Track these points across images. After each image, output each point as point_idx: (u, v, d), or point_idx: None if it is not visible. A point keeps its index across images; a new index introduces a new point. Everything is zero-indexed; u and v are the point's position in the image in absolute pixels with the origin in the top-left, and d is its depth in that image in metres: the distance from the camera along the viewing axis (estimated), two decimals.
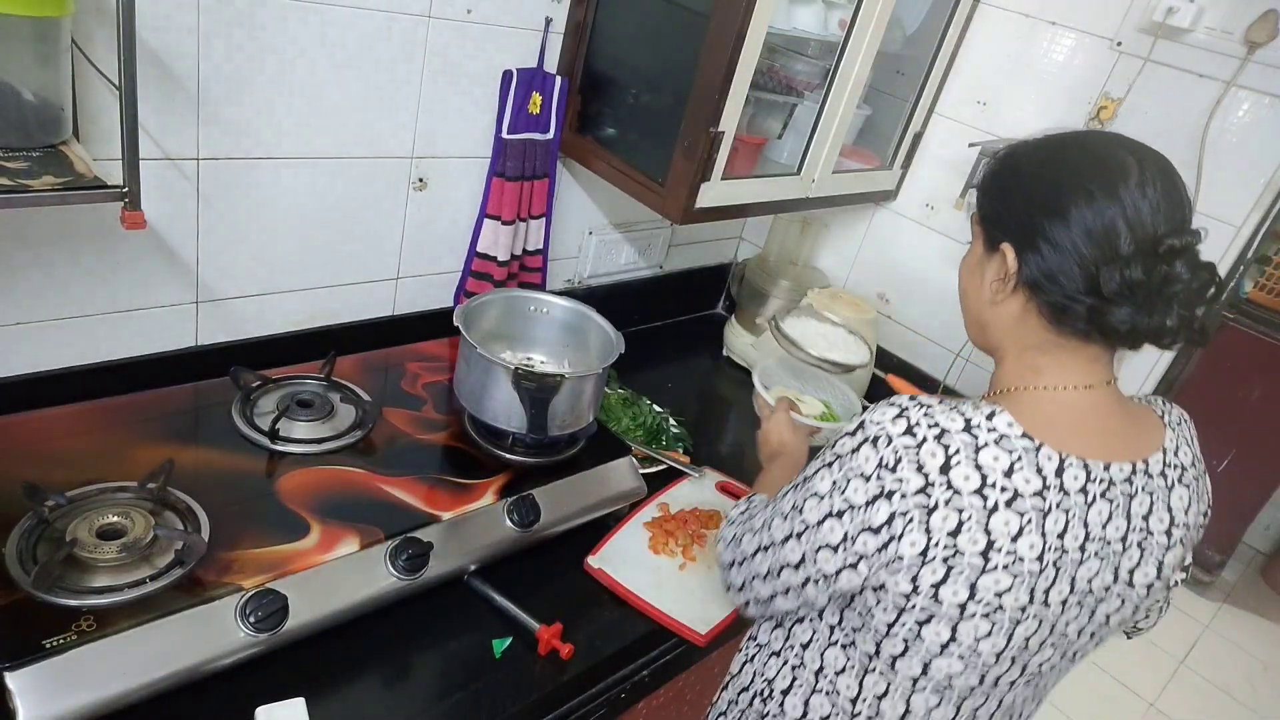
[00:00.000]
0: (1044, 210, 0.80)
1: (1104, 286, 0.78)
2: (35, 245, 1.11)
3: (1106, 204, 0.78)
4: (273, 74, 1.20)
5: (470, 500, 1.20)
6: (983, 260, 0.88)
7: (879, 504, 0.80)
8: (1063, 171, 0.82)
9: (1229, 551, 3.40)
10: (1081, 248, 0.78)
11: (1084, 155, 0.82)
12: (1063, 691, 2.71)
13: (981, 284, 0.88)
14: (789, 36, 1.54)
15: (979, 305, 0.90)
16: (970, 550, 0.78)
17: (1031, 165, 0.85)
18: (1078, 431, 0.83)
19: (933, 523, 0.78)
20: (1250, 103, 1.49)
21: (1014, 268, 0.83)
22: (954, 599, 0.80)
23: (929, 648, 0.83)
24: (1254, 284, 3.11)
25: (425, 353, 1.53)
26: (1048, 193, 0.81)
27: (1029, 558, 0.79)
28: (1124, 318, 0.78)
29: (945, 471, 0.78)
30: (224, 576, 0.98)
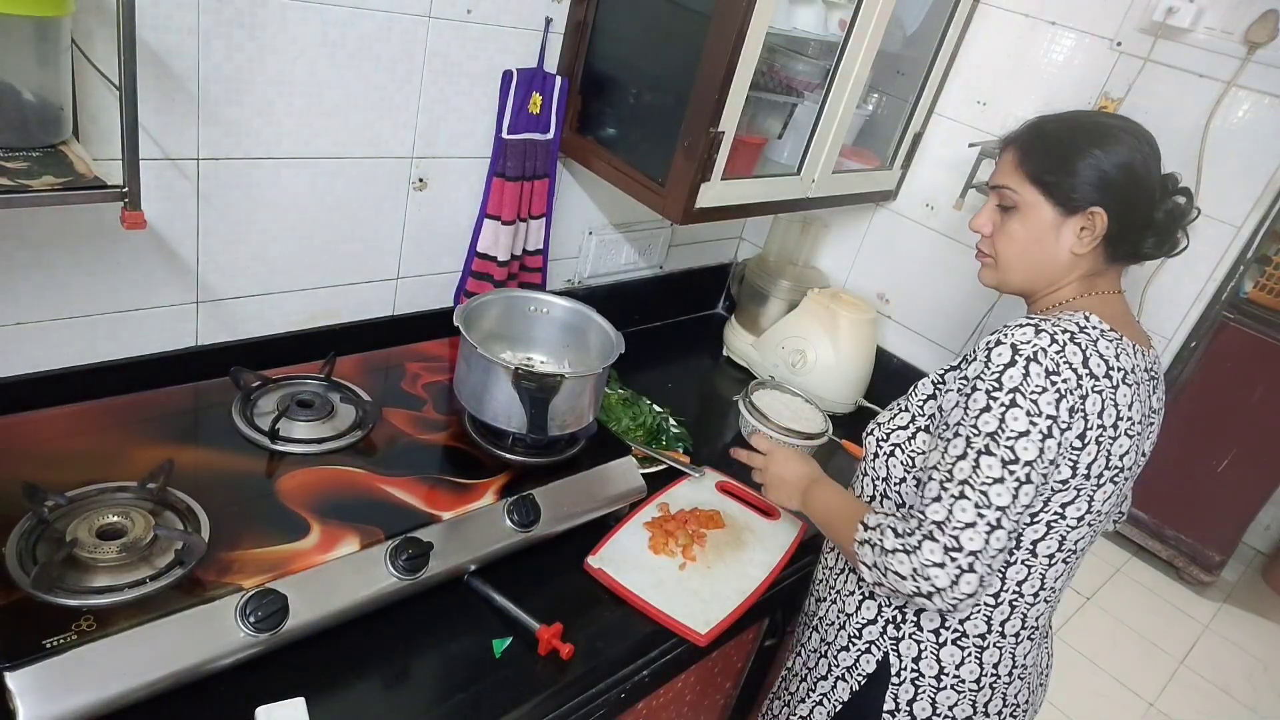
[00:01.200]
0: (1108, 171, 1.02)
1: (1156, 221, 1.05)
2: (35, 245, 1.11)
3: (1142, 158, 1.03)
4: (273, 74, 1.20)
5: (470, 500, 1.20)
6: (1057, 221, 1.06)
7: (1062, 405, 0.95)
8: (1106, 139, 1.03)
9: (1229, 551, 3.40)
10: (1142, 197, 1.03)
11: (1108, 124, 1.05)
12: (1063, 691, 2.71)
13: (1056, 240, 1.07)
14: (789, 36, 1.54)
15: (1050, 257, 1.08)
16: (1109, 423, 0.98)
17: (1078, 137, 1.04)
18: (1127, 325, 1.07)
19: (1088, 408, 0.97)
20: (1250, 103, 1.49)
21: (1104, 226, 1.03)
22: (1096, 469, 0.99)
23: (1068, 524, 1.02)
24: (1254, 284, 3.12)
25: (425, 353, 1.53)
26: (1106, 158, 1.02)
27: (1137, 419, 1.02)
28: (1156, 244, 1.07)
29: (1086, 365, 0.98)
30: (224, 576, 0.98)
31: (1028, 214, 1.08)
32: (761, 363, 1.97)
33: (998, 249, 1.12)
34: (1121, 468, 1.02)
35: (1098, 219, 1.04)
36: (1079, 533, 1.04)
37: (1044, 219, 1.07)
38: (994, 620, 1.09)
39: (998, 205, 1.12)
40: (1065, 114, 1.10)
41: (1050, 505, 1.01)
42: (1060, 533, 1.03)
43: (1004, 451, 0.95)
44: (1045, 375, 0.95)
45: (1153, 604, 3.32)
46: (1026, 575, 1.06)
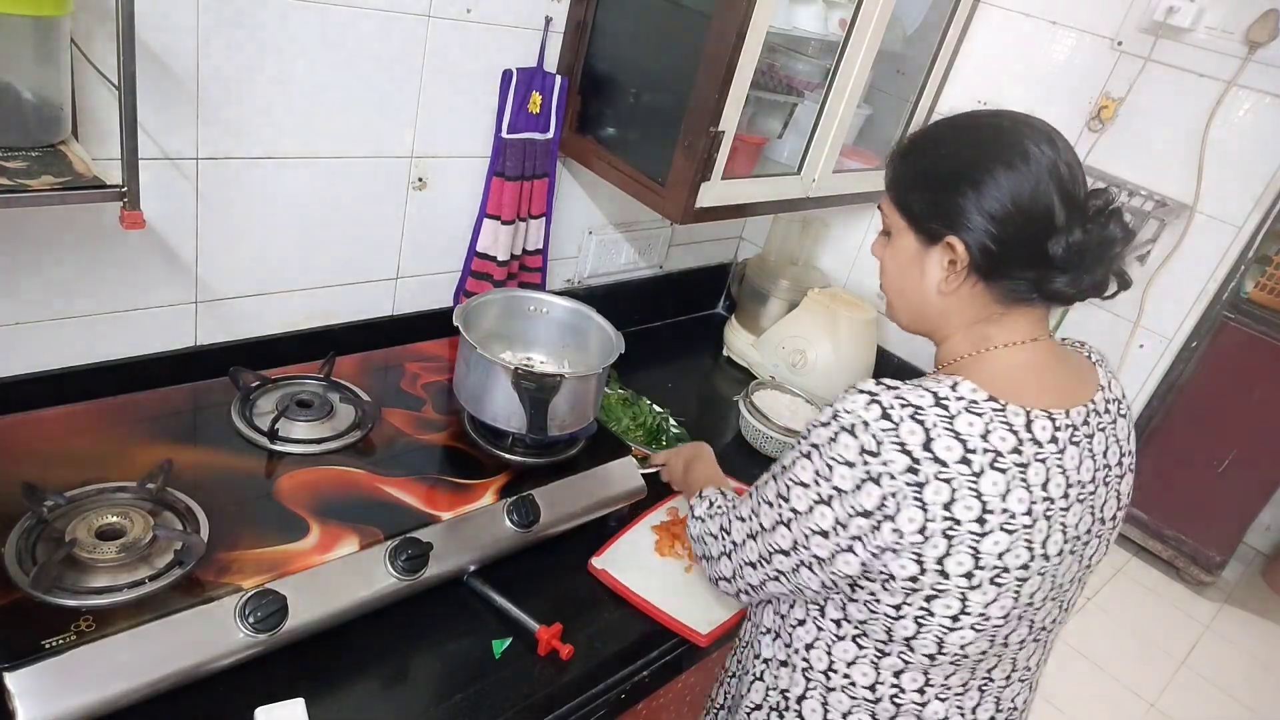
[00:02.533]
0: (979, 194, 0.83)
1: (1052, 256, 0.83)
2: (35, 245, 1.11)
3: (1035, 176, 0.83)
4: (273, 74, 1.20)
5: (470, 500, 1.20)
6: (920, 253, 0.90)
7: (867, 488, 0.81)
8: (980, 151, 0.85)
9: (1229, 552, 3.40)
10: (1023, 224, 0.83)
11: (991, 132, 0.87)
12: (1063, 691, 2.71)
13: (922, 275, 0.91)
14: (789, 36, 1.54)
15: (920, 295, 0.92)
16: (966, 518, 0.80)
17: (947, 151, 0.88)
18: (1033, 385, 0.87)
19: (926, 497, 0.80)
20: (1251, 102, 1.49)
21: (965, 259, 0.86)
22: (959, 569, 0.82)
23: (940, 623, 0.85)
24: (1254, 284, 3.11)
25: (425, 353, 1.53)
26: (976, 175, 0.84)
27: (1019, 513, 0.82)
28: (1069, 281, 0.84)
29: (928, 447, 0.80)
30: (223, 577, 0.97)
31: (896, 242, 0.93)
32: (762, 363, 1.96)
33: (883, 282, 0.98)
34: (1004, 567, 0.82)
35: (956, 251, 0.86)
36: (960, 636, 0.85)
37: (908, 249, 0.91)
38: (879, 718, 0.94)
39: (881, 231, 0.97)
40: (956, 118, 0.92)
41: (912, 601, 0.84)
42: (935, 634, 0.86)
43: (781, 486, 0.91)
44: (858, 452, 0.82)
45: (1153, 604, 3.31)
46: (904, 668, 0.90)
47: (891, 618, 0.87)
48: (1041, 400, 0.86)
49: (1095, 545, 0.93)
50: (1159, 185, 1.57)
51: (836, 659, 0.94)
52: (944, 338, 0.94)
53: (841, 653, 0.93)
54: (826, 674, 0.95)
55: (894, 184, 0.93)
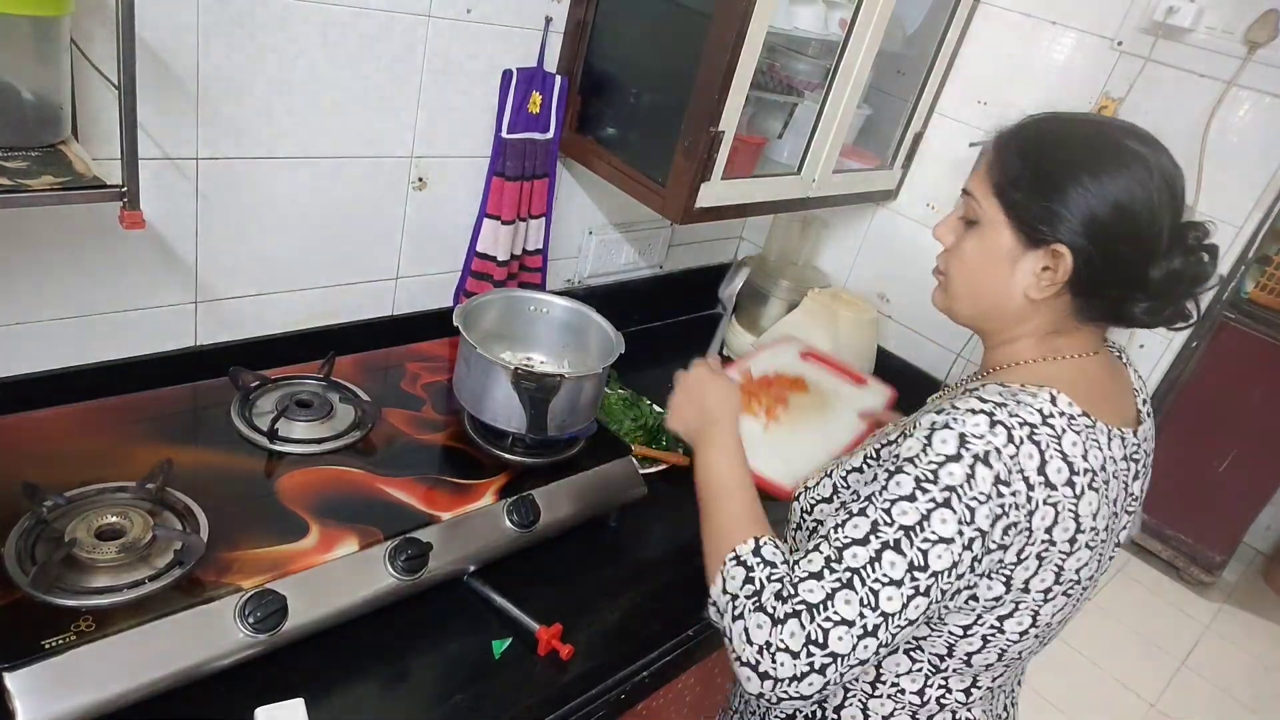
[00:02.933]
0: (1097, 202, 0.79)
1: (1149, 281, 0.81)
2: (35, 245, 1.11)
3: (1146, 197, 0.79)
4: (273, 73, 1.20)
5: (470, 500, 1.20)
6: (1015, 253, 0.85)
7: (1001, 523, 0.77)
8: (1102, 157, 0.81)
9: (1229, 552, 3.40)
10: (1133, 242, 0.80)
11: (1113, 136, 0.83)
12: (1063, 691, 2.71)
13: (1010, 275, 0.85)
14: (789, 36, 1.54)
15: (1000, 295, 0.87)
16: (1061, 539, 0.80)
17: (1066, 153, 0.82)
18: (1104, 399, 0.86)
19: (1034, 524, 0.78)
20: (1251, 102, 1.49)
21: (1069, 270, 0.82)
22: (1041, 585, 0.82)
23: (1008, 638, 0.85)
24: (1254, 284, 3.11)
25: (425, 353, 1.53)
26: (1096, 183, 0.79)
27: (1101, 529, 0.83)
28: (1151, 309, 0.83)
29: (1042, 471, 0.78)
30: (223, 577, 0.97)
31: (985, 233, 0.87)
32: None
33: (949, 268, 0.92)
34: (1077, 580, 0.84)
35: (1062, 260, 0.82)
36: (1021, 647, 0.87)
37: (1001, 244, 0.85)
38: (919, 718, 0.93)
39: (961, 217, 0.91)
40: (1072, 117, 0.87)
41: (985, 620, 0.84)
42: (999, 646, 0.86)
43: (915, 554, 0.76)
44: (993, 483, 0.76)
45: (1153, 604, 3.31)
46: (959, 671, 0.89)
47: (958, 636, 0.85)
48: (1115, 416, 0.86)
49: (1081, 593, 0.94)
50: None
51: (886, 671, 0.90)
52: (1007, 340, 0.90)
53: (893, 666, 0.90)
54: (873, 684, 0.91)
55: (999, 173, 0.85)
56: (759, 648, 0.78)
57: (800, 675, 0.76)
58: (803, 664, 0.76)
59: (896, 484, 0.78)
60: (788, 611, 0.78)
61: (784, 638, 0.77)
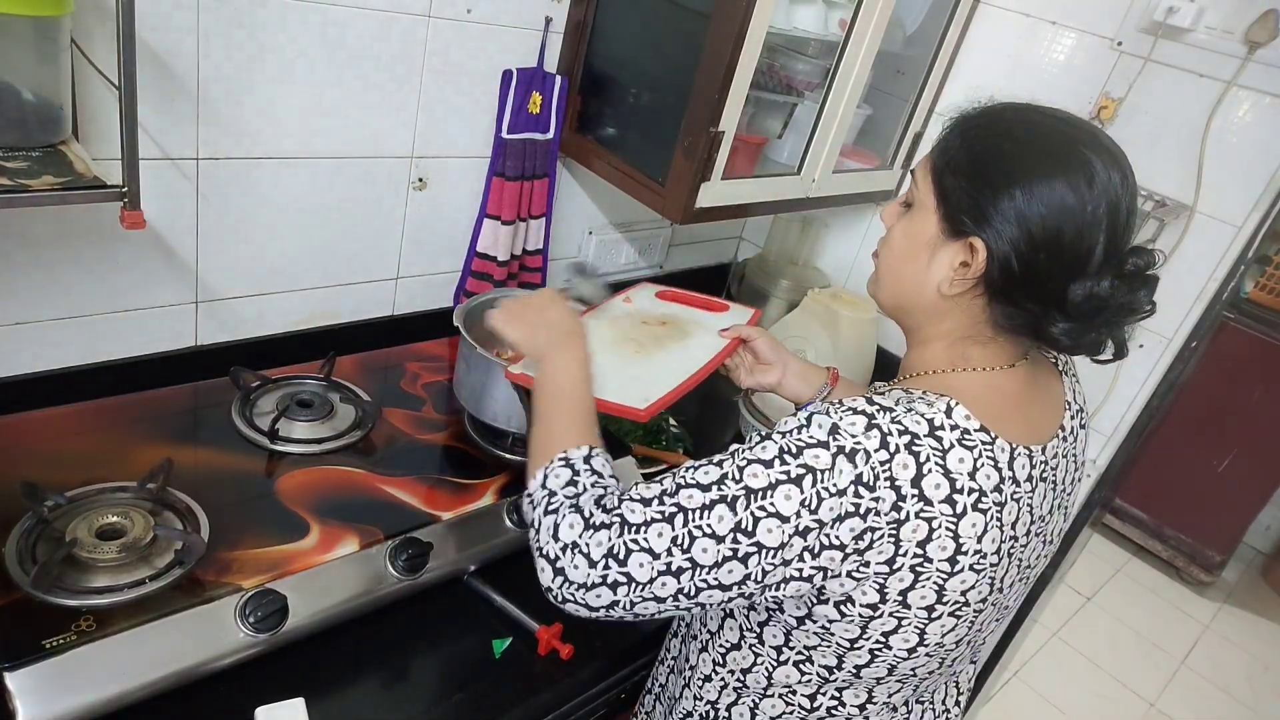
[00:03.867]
0: (1027, 203, 0.75)
1: (1069, 300, 0.75)
2: (35, 245, 1.11)
3: (1090, 206, 0.74)
4: (273, 73, 1.20)
5: (470, 500, 1.20)
6: (937, 241, 0.81)
7: (850, 522, 0.74)
8: (1046, 157, 0.76)
9: (1229, 552, 3.40)
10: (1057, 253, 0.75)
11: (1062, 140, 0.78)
12: (1063, 691, 2.71)
13: (928, 265, 0.82)
14: (789, 36, 1.54)
15: (916, 285, 0.83)
16: (939, 557, 0.75)
17: (1010, 144, 0.78)
18: (1015, 415, 0.81)
19: (902, 534, 0.74)
20: (1251, 102, 1.49)
21: (981, 267, 0.78)
22: (921, 602, 0.78)
23: (896, 654, 0.81)
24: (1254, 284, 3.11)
25: (425, 353, 1.53)
26: (1031, 182, 0.75)
27: (990, 553, 0.78)
28: (1069, 331, 0.77)
29: (917, 484, 0.74)
30: (223, 576, 0.98)
31: (915, 217, 0.84)
32: None
33: (880, 250, 0.89)
34: (965, 602, 0.79)
35: (976, 256, 0.78)
36: (913, 663, 0.83)
37: (926, 230, 0.82)
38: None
39: (903, 200, 0.87)
40: (1039, 111, 0.83)
41: (869, 634, 0.80)
42: (888, 662, 0.83)
43: (746, 518, 0.74)
44: (851, 482, 0.73)
45: (1153, 604, 3.31)
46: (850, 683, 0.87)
47: (845, 648, 0.82)
48: (1024, 434, 0.80)
49: (1040, 565, 0.90)
50: (1159, 185, 1.57)
51: (776, 681, 0.89)
52: (921, 340, 0.87)
53: (783, 677, 0.88)
54: (765, 690, 0.90)
55: (938, 155, 0.83)
56: (564, 545, 0.78)
57: (591, 584, 0.77)
58: (597, 574, 0.76)
59: (762, 448, 0.76)
60: (602, 521, 0.78)
61: (589, 542, 0.77)
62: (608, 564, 0.76)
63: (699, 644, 0.97)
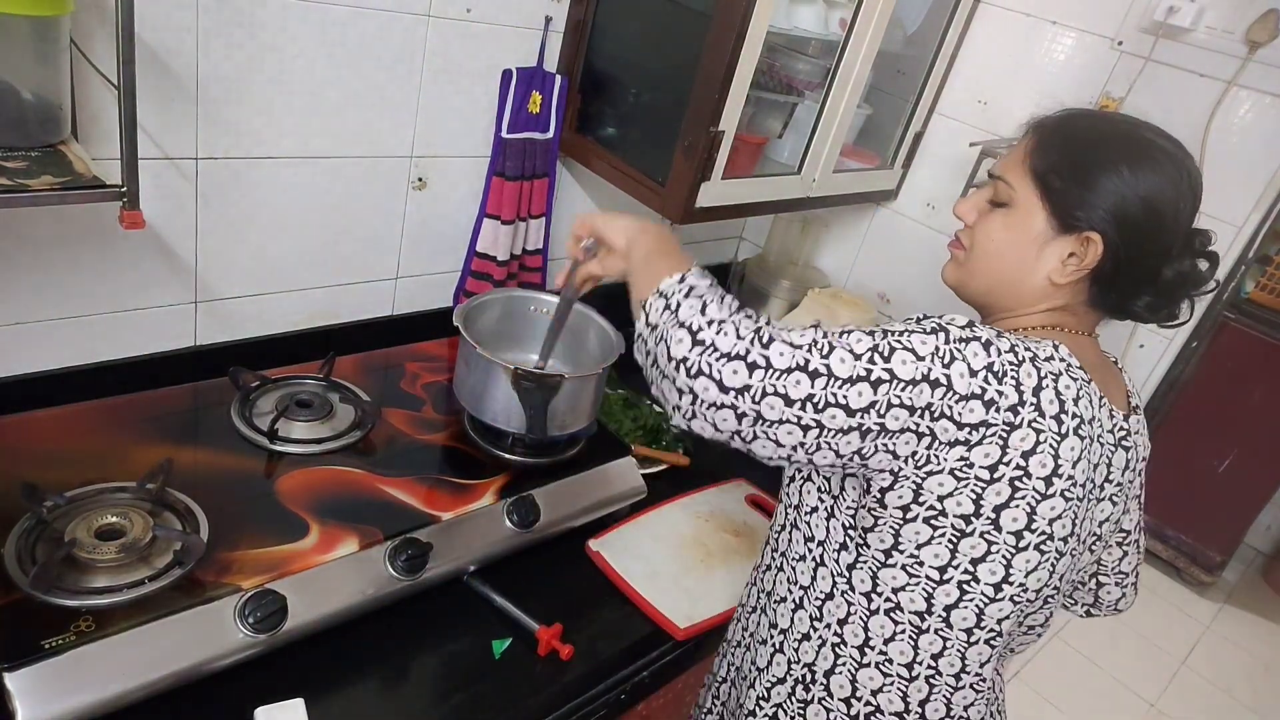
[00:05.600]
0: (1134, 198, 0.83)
1: (1160, 280, 0.86)
2: (34, 245, 1.11)
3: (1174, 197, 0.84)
4: (272, 73, 1.20)
5: (470, 500, 1.20)
6: (1046, 237, 0.88)
7: (973, 404, 0.77)
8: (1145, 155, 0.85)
9: (1230, 552, 3.40)
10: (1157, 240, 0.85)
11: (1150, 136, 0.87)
12: (1063, 691, 2.71)
13: (1038, 258, 0.88)
14: (789, 36, 1.54)
15: (1022, 275, 0.90)
16: (1037, 474, 0.80)
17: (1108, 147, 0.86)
18: (1096, 375, 0.88)
19: (1011, 440, 0.78)
20: (1251, 102, 1.49)
21: (1096, 259, 0.85)
22: (1012, 525, 0.81)
23: (983, 591, 0.84)
24: (1255, 284, 3.11)
25: (425, 353, 1.53)
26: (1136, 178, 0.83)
27: (1080, 482, 0.83)
28: (1152, 305, 0.88)
29: (1036, 393, 0.79)
30: (223, 577, 0.97)
31: (1017, 215, 0.90)
32: None
33: (974, 242, 0.94)
34: (1050, 534, 0.82)
35: (1092, 248, 0.85)
36: (999, 608, 0.85)
37: (1033, 227, 0.88)
38: (910, 699, 0.91)
39: (990, 200, 0.93)
40: (1109, 116, 0.93)
41: (958, 559, 0.83)
42: (977, 602, 0.85)
43: (884, 344, 0.78)
44: (985, 366, 0.78)
45: (1153, 604, 3.31)
46: (943, 649, 0.88)
47: (934, 583, 0.85)
48: (1106, 392, 0.89)
49: (1091, 555, 0.95)
50: None
51: (873, 634, 0.90)
52: (1012, 313, 0.92)
53: (878, 628, 0.90)
54: (861, 649, 0.92)
55: (1039, 160, 0.88)
56: (710, 320, 0.79)
57: (735, 355, 0.76)
58: (742, 347, 0.76)
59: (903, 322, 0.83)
60: (748, 313, 0.81)
61: (736, 320, 0.79)
62: (753, 341, 0.77)
63: (791, 604, 0.97)
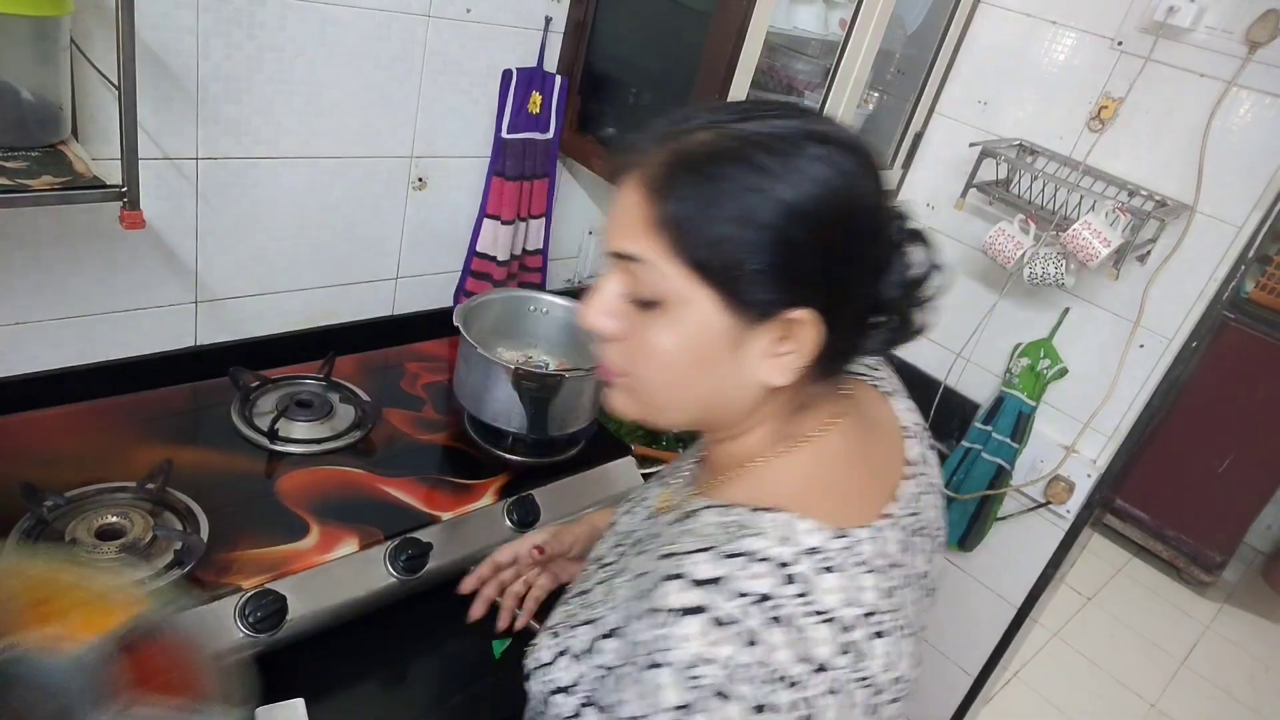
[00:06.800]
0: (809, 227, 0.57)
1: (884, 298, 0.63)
2: (34, 245, 1.11)
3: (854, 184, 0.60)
4: (272, 73, 1.20)
5: (470, 500, 1.20)
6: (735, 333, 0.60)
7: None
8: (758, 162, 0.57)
9: (1230, 552, 3.40)
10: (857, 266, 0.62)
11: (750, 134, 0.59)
12: (1063, 691, 2.71)
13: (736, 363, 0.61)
14: (789, 36, 1.54)
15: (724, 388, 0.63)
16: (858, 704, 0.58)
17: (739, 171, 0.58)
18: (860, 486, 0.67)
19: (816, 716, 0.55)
20: (1251, 102, 1.48)
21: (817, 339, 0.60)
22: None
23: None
24: (1255, 284, 3.11)
25: (425, 353, 1.53)
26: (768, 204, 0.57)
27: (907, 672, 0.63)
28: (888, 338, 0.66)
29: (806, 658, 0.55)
30: (223, 577, 0.97)
31: (682, 317, 0.60)
32: None
33: (637, 370, 0.64)
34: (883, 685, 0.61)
35: (804, 328, 0.59)
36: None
37: (711, 327, 0.60)
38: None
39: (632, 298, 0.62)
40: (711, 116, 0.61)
41: None
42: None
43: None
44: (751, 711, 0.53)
45: (1153, 604, 3.31)
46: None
47: None
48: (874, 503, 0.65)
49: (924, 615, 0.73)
50: (1159, 185, 1.57)
51: None
52: (733, 435, 0.68)
53: None
54: None
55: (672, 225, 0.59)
56: None
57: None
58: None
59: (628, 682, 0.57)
60: None
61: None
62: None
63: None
